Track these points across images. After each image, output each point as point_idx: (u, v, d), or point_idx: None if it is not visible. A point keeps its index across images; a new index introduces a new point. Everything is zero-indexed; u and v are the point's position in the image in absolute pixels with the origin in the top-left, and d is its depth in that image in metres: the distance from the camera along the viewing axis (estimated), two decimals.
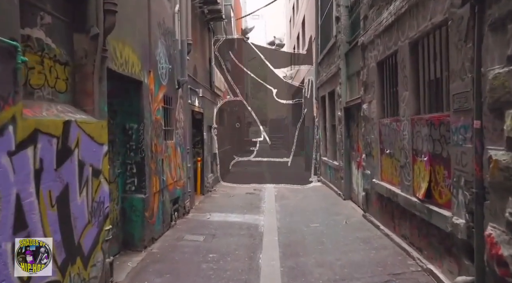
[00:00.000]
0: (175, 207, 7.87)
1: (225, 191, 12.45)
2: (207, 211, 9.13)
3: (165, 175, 7.06)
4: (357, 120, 9.14)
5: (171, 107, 7.59)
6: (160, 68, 6.85)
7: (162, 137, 6.92)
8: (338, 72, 10.28)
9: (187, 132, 9.08)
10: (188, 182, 9.07)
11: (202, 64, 11.44)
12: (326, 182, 12.80)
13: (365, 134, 7.75)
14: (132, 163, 5.86)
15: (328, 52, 11.93)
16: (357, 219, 7.95)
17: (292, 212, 9.11)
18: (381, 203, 6.80)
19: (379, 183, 6.83)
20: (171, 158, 7.49)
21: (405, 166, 5.49)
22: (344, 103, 9.97)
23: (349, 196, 10.02)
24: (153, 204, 6.29)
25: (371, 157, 7.36)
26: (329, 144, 12.49)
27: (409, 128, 5.31)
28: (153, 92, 6.38)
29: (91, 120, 4.16)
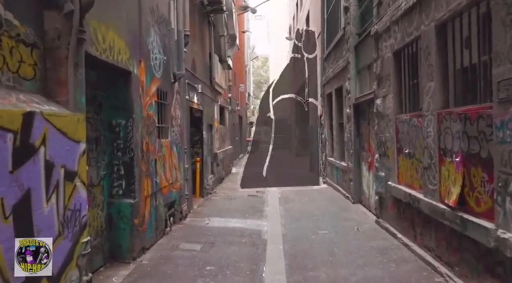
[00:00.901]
0: (170, 211, 7.21)
1: (226, 193, 11.78)
2: (206, 216, 8.46)
3: (159, 177, 6.40)
4: (368, 118, 8.46)
5: (165, 102, 6.93)
6: (153, 59, 6.19)
7: (155, 136, 6.26)
8: (347, 66, 9.60)
9: (184, 131, 8.41)
10: (185, 184, 8.41)
11: (201, 59, 10.78)
12: (333, 184, 12.11)
13: (378, 132, 7.07)
14: (119, 163, 5.20)
15: (335, 47, 11.24)
16: (369, 226, 7.26)
17: (297, 216, 8.43)
18: (398, 209, 6.11)
19: (396, 186, 6.14)
20: (165, 158, 6.83)
21: (430, 167, 4.80)
22: (353, 99, 9.28)
23: (358, 199, 9.33)
24: (144, 210, 5.62)
25: (386, 157, 6.68)
26: (336, 143, 11.81)
27: (435, 124, 4.63)
28: (144, 84, 5.72)
29: (64, 113, 3.50)
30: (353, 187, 9.41)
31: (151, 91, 6.08)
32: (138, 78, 5.44)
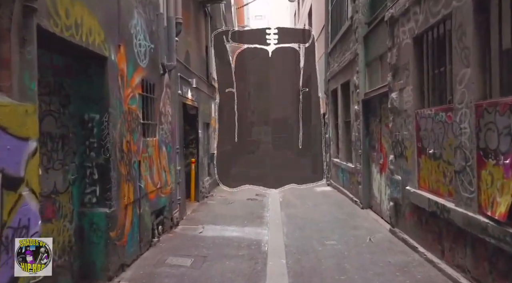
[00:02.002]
0: (159, 219, 6.39)
1: (224, 197, 10.97)
2: (201, 223, 7.64)
3: (144, 181, 5.59)
4: (379, 115, 7.64)
5: (153, 96, 6.12)
6: (136, 45, 5.37)
7: (139, 133, 5.45)
8: (355, 59, 8.79)
9: (176, 129, 7.60)
10: (177, 188, 7.59)
11: (196, 51, 9.97)
12: (338, 187, 11.29)
13: (393, 130, 6.25)
14: (92, 166, 4.38)
15: (341, 39, 10.43)
16: (383, 235, 6.43)
17: (301, 224, 7.61)
18: (419, 218, 5.30)
19: (416, 191, 5.33)
20: (152, 159, 6.02)
21: (464, 171, 3.98)
22: (362, 95, 8.47)
23: (368, 204, 8.52)
24: (124, 220, 4.81)
25: (403, 158, 5.87)
26: (341, 143, 10.99)
27: (471, 119, 3.81)
28: (124, 73, 4.90)
29: (4, 102, 2.69)
30: (362, 191, 8.59)
31: (134, 82, 5.26)
32: (116, 66, 4.63)
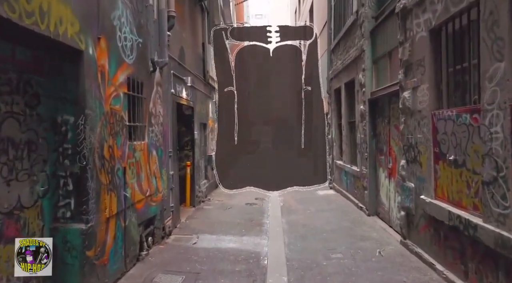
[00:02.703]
0: (148, 230, 5.84)
1: (221, 201, 10.41)
2: (195, 232, 7.09)
3: (130, 190, 5.04)
4: (388, 115, 7.08)
5: (141, 95, 5.56)
6: (120, 39, 4.82)
7: (125, 137, 4.90)
8: (361, 55, 8.23)
9: (168, 131, 7.05)
10: (170, 194, 7.04)
11: (192, 48, 9.41)
12: (342, 190, 10.74)
13: (406, 132, 5.70)
14: (66, 175, 3.83)
15: (345, 35, 9.87)
16: (394, 248, 5.88)
17: (303, 232, 7.06)
18: (437, 232, 4.74)
19: (433, 202, 4.78)
20: (140, 164, 5.46)
21: (495, 182, 3.43)
22: (368, 94, 7.91)
23: (375, 211, 7.97)
24: (105, 236, 4.25)
25: (417, 163, 5.31)
26: (345, 145, 10.43)
27: (506, 122, 3.26)
28: (106, 70, 4.35)
29: None
30: (368, 197, 8.04)
31: (118, 79, 4.71)
32: (95, 61, 4.07)
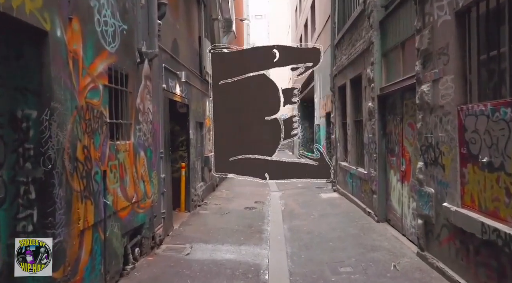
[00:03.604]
0: (135, 241, 5.21)
1: (219, 205, 9.78)
2: (189, 240, 6.46)
3: (112, 196, 4.40)
4: (401, 113, 6.45)
5: (125, 89, 4.93)
6: (99, 23, 4.18)
7: (105, 136, 4.26)
8: (369, 48, 7.60)
9: (159, 130, 6.42)
10: (161, 199, 6.41)
11: (187, 42, 8.78)
12: (346, 194, 10.10)
13: (424, 131, 5.07)
14: (28, 181, 3.19)
15: (351, 27, 9.24)
16: (410, 261, 5.24)
17: (308, 241, 6.43)
18: (465, 245, 4.11)
19: (459, 211, 4.14)
20: (125, 167, 4.83)
21: None
22: (378, 90, 7.28)
23: (384, 216, 7.33)
24: (78, 251, 3.62)
25: (438, 166, 4.68)
26: (351, 145, 9.80)
27: None
28: (79, 57, 3.72)
29: None
30: (378, 201, 7.41)
31: (96, 69, 4.07)
32: (64, 45, 3.44)
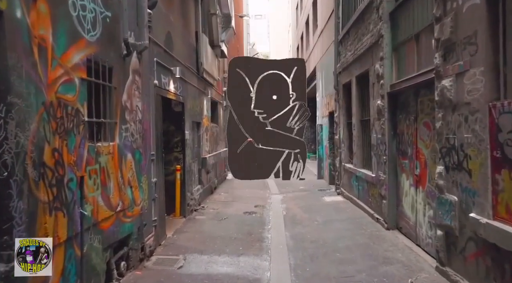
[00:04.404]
0: (120, 253, 4.65)
1: (217, 209, 9.23)
2: (182, 251, 5.90)
3: (91, 206, 3.84)
4: (414, 111, 5.89)
5: (109, 84, 4.37)
6: (75, 7, 3.62)
7: (82, 137, 3.70)
8: (378, 42, 7.04)
9: (150, 130, 5.86)
10: (153, 205, 5.86)
11: (182, 36, 8.22)
12: (352, 197, 9.54)
13: (445, 131, 4.51)
14: None
15: (357, 21, 8.68)
16: (429, 277, 4.67)
17: (312, 251, 5.88)
18: (498, 263, 3.55)
19: (491, 223, 3.58)
20: (107, 172, 4.27)
21: None
22: (388, 87, 6.72)
23: (395, 224, 6.77)
24: None
25: (462, 171, 4.12)
26: (357, 146, 9.23)
27: None
28: (48, 44, 3.15)
29: None
30: (388, 207, 6.84)
31: (70, 60, 3.51)
32: (26, 29, 2.88)
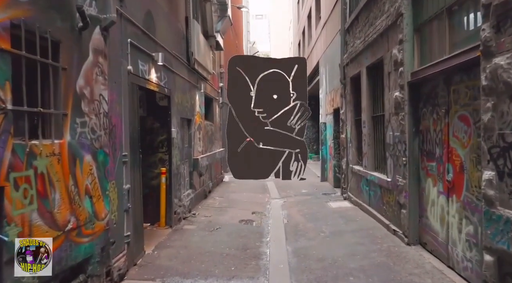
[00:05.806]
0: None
1: (209, 217, 8.16)
2: (161, 274, 4.83)
3: (18, 228, 2.76)
4: (444, 103, 4.81)
5: (53, 63, 3.29)
6: None
7: (3, 132, 2.63)
8: (396, 23, 5.96)
9: (122, 125, 4.79)
10: (125, 218, 4.79)
11: (167, 19, 7.14)
12: (361, 203, 8.46)
13: (497, 125, 3.43)
14: None
15: (368, 3, 7.60)
16: None
17: (320, 273, 4.82)
18: None
19: None
20: (51, 179, 3.19)
21: None
22: (408, 75, 5.65)
23: (417, 238, 5.69)
24: None
25: None
26: (367, 146, 8.15)
27: None
28: None
29: None
30: (408, 218, 5.76)
31: None
32: None
